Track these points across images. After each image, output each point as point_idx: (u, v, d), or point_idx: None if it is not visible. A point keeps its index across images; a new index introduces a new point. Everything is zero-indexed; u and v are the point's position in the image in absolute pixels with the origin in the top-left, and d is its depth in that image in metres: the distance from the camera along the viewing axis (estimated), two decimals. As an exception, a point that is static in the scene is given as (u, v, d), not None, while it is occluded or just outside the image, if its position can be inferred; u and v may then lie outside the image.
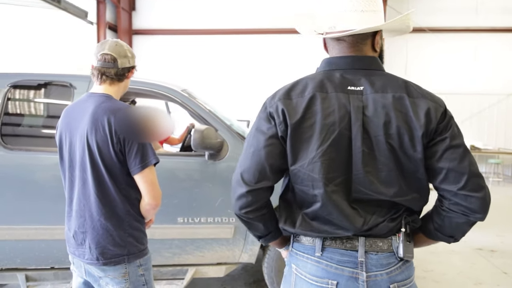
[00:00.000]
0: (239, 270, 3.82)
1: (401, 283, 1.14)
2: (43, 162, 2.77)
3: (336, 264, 1.12)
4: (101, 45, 1.65)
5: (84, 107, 1.60)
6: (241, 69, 10.24)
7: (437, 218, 1.17)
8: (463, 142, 1.13)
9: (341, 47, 1.18)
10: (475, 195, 1.08)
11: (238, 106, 9.37)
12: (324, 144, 1.08)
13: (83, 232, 1.58)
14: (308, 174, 1.09)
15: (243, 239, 2.86)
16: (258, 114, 1.18)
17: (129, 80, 1.73)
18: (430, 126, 1.08)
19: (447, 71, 10.06)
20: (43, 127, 3.07)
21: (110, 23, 9.70)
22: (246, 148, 1.16)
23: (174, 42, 10.39)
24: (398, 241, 1.12)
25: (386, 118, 1.08)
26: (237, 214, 1.18)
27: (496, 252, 4.45)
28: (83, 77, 2.93)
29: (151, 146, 1.59)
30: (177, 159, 2.87)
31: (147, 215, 1.66)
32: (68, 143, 1.62)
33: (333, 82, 1.12)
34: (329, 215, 1.10)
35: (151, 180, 1.57)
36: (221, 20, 10.27)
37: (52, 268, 2.84)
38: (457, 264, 4.06)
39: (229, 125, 2.93)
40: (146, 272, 1.65)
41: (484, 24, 9.93)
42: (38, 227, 2.71)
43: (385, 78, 1.14)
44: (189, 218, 2.81)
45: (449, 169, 1.09)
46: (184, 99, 2.92)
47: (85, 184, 1.57)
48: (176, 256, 2.87)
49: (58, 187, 2.69)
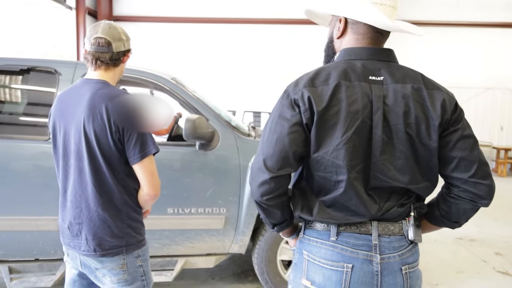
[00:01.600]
0: (227, 261, 3.81)
1: (411, 265, 1.19)
2: (26, 150, 2.67)
3: (351, 247, 1.15)
4: (94, 28, 1.56)
5: (80, 94, 1.53)
6: (227, 58, 10.15)
7: (444, 205, 1.23)
8: (473, 133, 1.18)
9: (363, 37, 1.19)
10: (484, 182, 1.15)
11: (224, 96, 9.32)
12: (349, 132, 1.09)
13: (79, 223, 1.53)
14: (332, 161, 1.11)
15: (234, 229, 2.85)
16: (279, 101, 1.17)
17: (124, 64, 1.67)
18: (445, 116, 1.12)
19: (428, 64, 10.22)
20: (26, 114, 2.96)
21: (89, 8, 9.42)
22: (268, 135, 1.15)
23: (157, 30, 10.19)
24: (408, 225, 1.18)
25: (405, 108, 1.12)
26: (257, 201, 1.18)
27: (476, 241, 4.59)
28: (69, 63, 2.84)
29: (151, 135, 1.54)
30: (167, 149, 2.81)
31: (145, 205, 1.62)
32: (62, 131, 1.55)
33: (356, 72, 1.14)
34: (348, 201, 1.13)
35: (151, 169, 1.53)
36: (205, 9, 10.12)
37: (36, 259, 2.76)
38: (439, 254, 4.16)
39: (218, 114, 2.90)
40: (144, 263, 1.61)
41: (465, 19, 10.12)
42: (22, 217, 2.62)
43: (403, 70, 1.17)
44: (179, 209, 2.77)
45: (461, 158, 1.14)
46: (174, 87, 2.86)
47: (82, 173, 1.51)
48: (166, 247, 2.84)
49: (43, 177, 2.63)
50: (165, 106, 1.56)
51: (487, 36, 10.22)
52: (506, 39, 10.19)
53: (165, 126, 1.82)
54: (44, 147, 2.64)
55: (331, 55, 1.29)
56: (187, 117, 2.57)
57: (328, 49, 1.30)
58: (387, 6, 1.15)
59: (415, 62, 10.12)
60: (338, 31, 1.22)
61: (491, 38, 10.23)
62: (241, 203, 2.80)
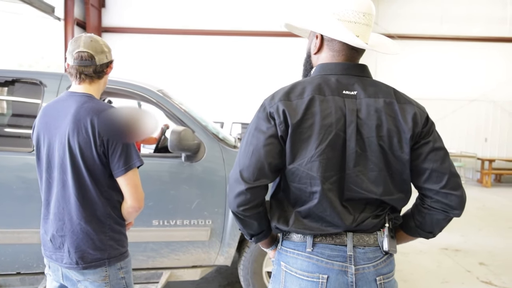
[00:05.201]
0: (213, 273, 3.79)
1: (386, 275, 1.21)
2: (8, 162, 2.64)
3: (326, 258, 1.17)
4: (75, 42, 1.57)
5: (65, 107, 1.54)
6: (215, 70, 10.20)
7: (418, 216, 1.26)
8: (444, 145, 1.22)
9: (338, 53, 1.23)
10: (454, 193, 1.18)
11: (212, 108, 9.34)
12: (322, 144, 1.13)
13: (61, 236, 1.53)
14: (307, 173, 1.14)
15: (219, 241, 2.84)
16: (256, 114, 1.20)
17: (107, 75, 1.68)
18: (416, 129, 1.16)
19: (414, 77, 10.43)
20: (10, 126, 2.94)
21: (78, 19, 9.41)
22: (245, 147, 1.18)
23: (145, 41, 10.21)
24: (383, 236, 1.20)
25: (378, 121, 1.15)
26: (234, 212, 1.20)
27: (460, 251, 4.65)
28: (54, 75, 2.83)
29: (135, 148, 1.55)
30: (153, 161, 2.82)
31: (128, 217, 1.62)
32: (46, 144, 1.56)
33: (330, 86, 1.18)
34: (323, 212, 1.15)
35: (135, 182, 1.54)
36: (193, 21, 10.18)
37: (18, 273, 2.72)
38: (424, 264, 4.20)
39: (205, 126, 2.91)
40: (126, 275, 1.61)
41: (448, 33, 10.37)
42: (3, 230, 2.59)
43: (375, 85, 1.21)
44: (165, 221, 2.76)
45: (432, 169, 1.18)
46: (160, 99, 2.87)
47: (65, 186, 1.51)
48: (151, 260, 2.82)
49: (25, 189, 2.61)
50: (150, 117, 1.57)
51: (471, 49, 10.47)
52: (489, 52, 10.45)
53: (151, 135, 1.83)
54: (27, 159, 2.62)
55: (308, 69, 1.33)
56: (173, 129, 2.58)
57: (306, 63, 1.34)
58: (361, 24, 1.19)
59: (399, 74, 10.34)
60: (315, 47, 1.26)
61: (475, 52, 10.49)
62: (227, 214, 2.81)
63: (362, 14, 1.19)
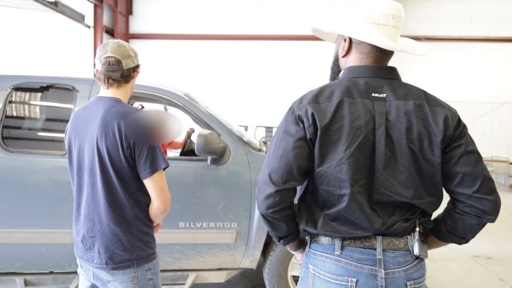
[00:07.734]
0: (238, 276, 3.80)
1: (417, 280, 1.19)
2: (43, 165, 2.74)
3: (355, 262, 1.16)
4: (103, 48, 1.62)
5: (94, 111, 1.59)
6: (239, 74, 10.29)
7: (450, 221, 1.24)
8: (477, 149, 1.20)
9: (367, 56, 1.22)
10: (488, 198, 1.16)
11: (236, 111, 9.41)
12: (351, 147, 1.12)
13: (92, 236, 1.57)
14: (336, 175, 1.14)
15: (245, 244, 2.86)
16: (285, 117, 1.21)
17: (135, 79, 1.72)
18: (447, 132, 1.14)
19: (442, 79, 10.19)
20: (44, 130, 3.05)
21: (107, 26, 9.70)
22: (274, 149, 1.19)
23: (171, 47, 10.41)
24: (413, 240, 1.18)
25: (408, 124, 1.14)
26: (263, 214, 1.21)
27: (493, 259, 4.49)
28: (86, 80, 2.92)
29: (161, 150, 1.58)
30: (179, 164, 2.87)
31: (156, 219, 1.66)
32: (77, 147, 1.61)
33: (359, 89, 1.17)
34: (352, 215, 1.14)
35: (161, 184, 1.57)
36: (216, 26, 10.31)
37: (51, 272, 2.81)
38: (454, 271, 4.08)
39: (230, 130, 2.94)
40: (154, 276, 1.64)
41: (478, 34, 10.10)
42: (38, 230, 2.68)
43: (405, 87, 1.20)
44: (191, 223, 2.80)
45: (464, 173, 1.16)
46: (187, 103, 2.92)
47: (94, 188, 1.56)
48: (177, 261, 2.86)
49: (58, 191, 2.70)
50: (175, 120, 1.60)
51: (501, 50, 10.16)
52: (521, 53, 10.11)
53: (176, 138, 1.86)
54: (61, 162, 2.71)
55: (336, 72, 1.33)
56: (199, 132, 2.62)
57: (334, 66, 1.34)
58: (390, 26, 1.19)
59: (428, 77, 10.12)
60: (343, 50, 1.26)
61: (505, 52, 10.16)
62: (252, 217, 2.82)
63: (392, 17, 1.18)
